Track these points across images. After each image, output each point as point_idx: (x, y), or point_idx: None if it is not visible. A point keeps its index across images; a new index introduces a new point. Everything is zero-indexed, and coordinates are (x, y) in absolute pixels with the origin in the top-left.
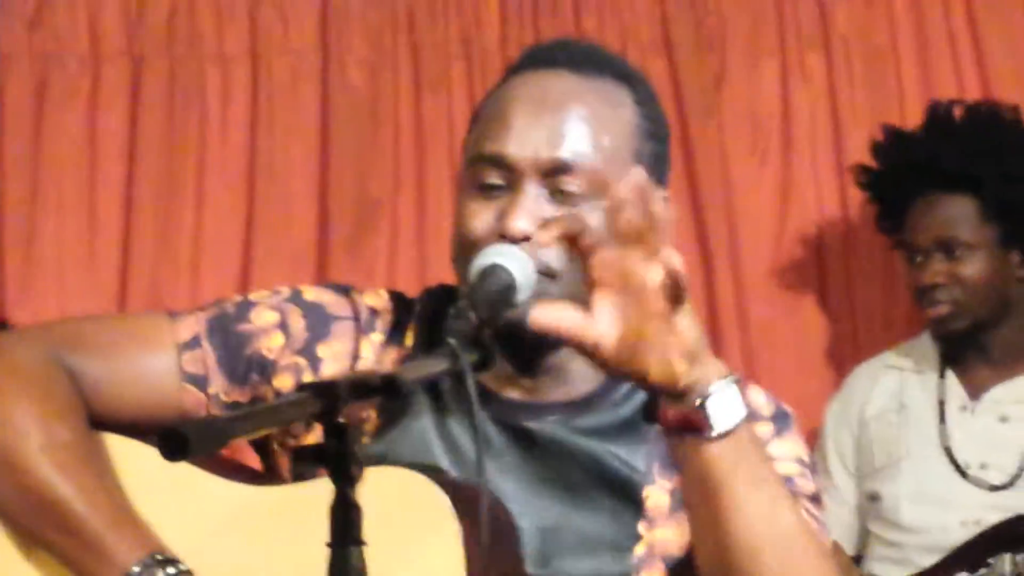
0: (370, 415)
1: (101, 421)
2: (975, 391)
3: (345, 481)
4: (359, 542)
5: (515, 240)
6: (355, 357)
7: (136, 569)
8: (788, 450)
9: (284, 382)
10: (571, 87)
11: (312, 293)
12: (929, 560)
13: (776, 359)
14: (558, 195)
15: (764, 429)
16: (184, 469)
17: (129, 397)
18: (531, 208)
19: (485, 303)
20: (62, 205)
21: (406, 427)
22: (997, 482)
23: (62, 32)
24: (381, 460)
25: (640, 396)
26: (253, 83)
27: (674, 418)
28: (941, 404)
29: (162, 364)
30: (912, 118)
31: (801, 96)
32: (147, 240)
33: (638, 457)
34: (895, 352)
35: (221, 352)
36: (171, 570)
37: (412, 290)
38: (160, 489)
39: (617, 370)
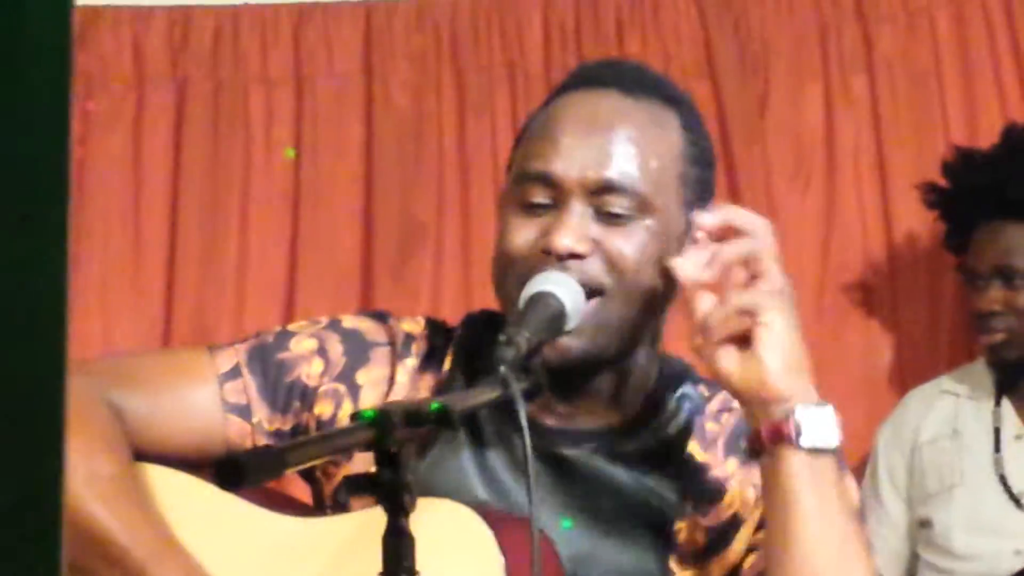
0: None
1: (148, 454)
2: None
3: (398, 511)
4: (412, 572)
5: (560, 257)
6: (391, 383)
7: None
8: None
9: (324, 408)
10: (619, 107)
11: (350, 321)
12: None
13: (821, 384)
14: (603, 215)
15: None
16: (230, 501)
17: (173, 431)
18: (576, 225)
19: (535, 331)
20: (107, 228)
21: (442, 456)
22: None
23: (107, 55)
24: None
25: (681, 419)
26: (297, 106)
27: (767, 431)
28: (996, 432)
29: (204, 397)
30: (957, 141)
31: (845, 120)
32: (191, 262)
33: (672, 488)
34: (950, 378)
35: (261, 381)
36: None
37: (456, 313)
38: (206, 521)
39: (712, 367)
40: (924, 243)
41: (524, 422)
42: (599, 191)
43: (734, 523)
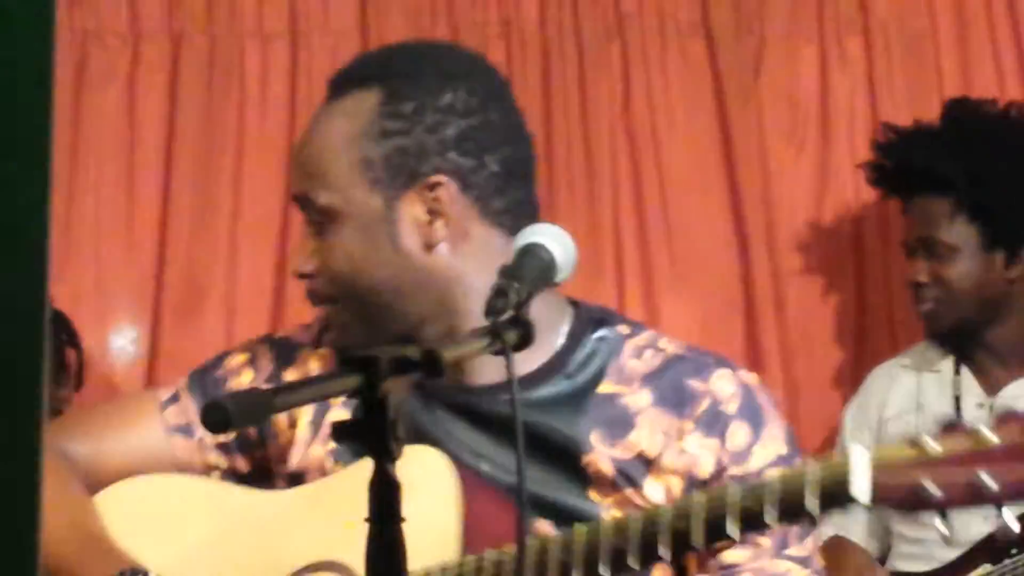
0: None
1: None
2: (991, 388)
3: (384, 456)
4: (399, 518)
5: (302, 279)
6: (307, 374)
7: None
8: (768, 453)
9: None
10: (317, 118)
11: (283, 332)
12: (952, 555)
13: (812, 345)
14: (313, 227)
15: (740, 433)
16: (200, 484)
17: (122, 465)
18: (300, 246)
19: (526, 282)
20: (100, 183)
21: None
22: None
23: (102, 9)
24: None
25: (596, 362)
26: (292, 62)
27: None
28: (957, 400)
29: (147, 426)
30: None
31: (840, 81)
32: (185, 219)
33: (578, 426)
34: (911, 352)
35: (200, 399)
36: None
37: None
38: (183, 506)
39: None
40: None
41: (513, 373)
42: (302, 207)
43: (641, 462)
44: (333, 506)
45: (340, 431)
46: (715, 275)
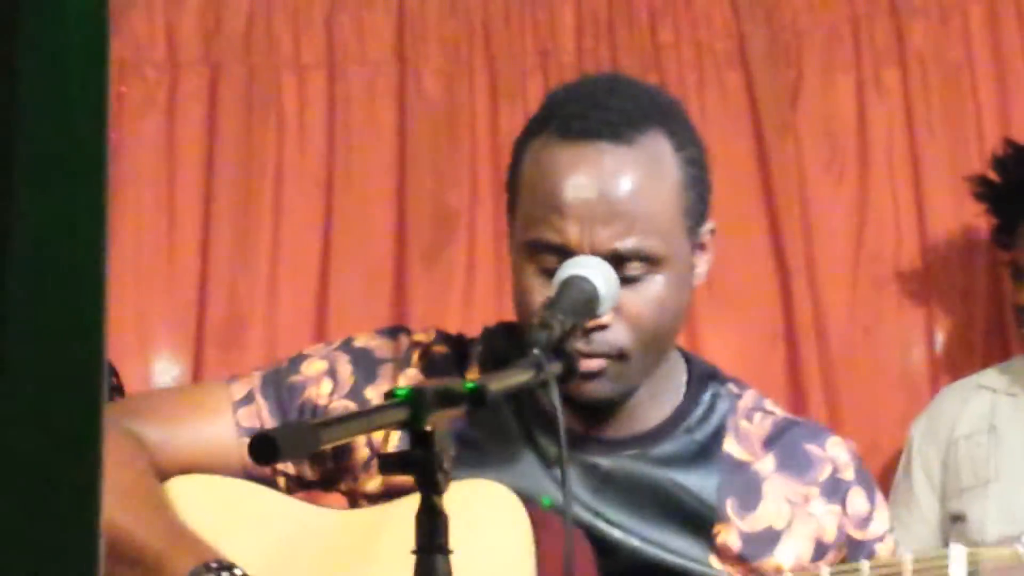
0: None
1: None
2: None
3: (431, 489)
4: (445, 550)
5: (585, 332)
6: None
7: None
8: (884, 520)
9: None
10: (614, 162)
11: (362, 339)
12: None
13: (854, 377)
14: (620, 279)
15: (859, 500)
16: (265, 493)
17: (190, 457)
18: None
19: (569, 314)
20: (140, 213)
21: (502, 451)
22: None
23: (140, 40)
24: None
25: (715, 419)
26: (329, 92)
27: None
28: None
29: (220, 424)
30: (989, 134)
31: (877, 112)
32: (225, 248)
33: (710, 490)
34: (988, 373)
35: (274, 404)
36: (225, 575)
37: (490, 301)
38: (241, 513)
39: None
40: (958, 237)
41: (558, 402)
42: (612, 259)
43: (769, 535)
44: (400, 533)
45: (387, 463)
46: (755, 306)
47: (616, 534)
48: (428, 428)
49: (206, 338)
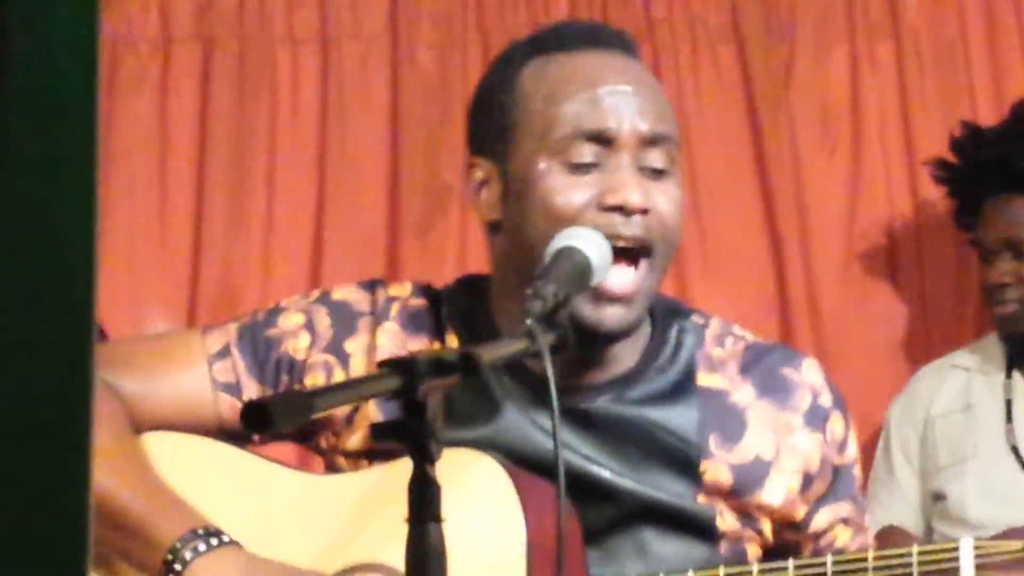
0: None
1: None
2: None
3: (424, 458)
4: (438, 519)
5: (631, 213)
6: (374, 348)
7: (177, 545)
8: (855, 442)
9: (316, 379)
10: (632, 66)
11: (340, 292)
12: None
13: (847, 350)
14: (646, 171)
15: (838, 425)
16: (247, 460)
17: (165, 411)
18: (639, 181)
19: (562, 285)
20: (133, 189)
21: (494, 414)
22: None
23: (133, 15)
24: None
25: (684, 355)
26: (323, 67)
27: None
28: (1008, 404)
29: (195, 378)
30: (983, 109)
31: (871, 87)
32: (218, 223)
33: (691, 427)
34: (962, 352)
35: (250, 359)
36: (214, 541)
37: (483, 272)
38: (224, 481)
39: None
40: (950, 211)
41: (551, 373)
42: (646, 144)
43: (759, 469)
44: (389, 502)
45: (379, 431)
46: (749, 279)
47: (608, 476)
48: (420, 397)
49: (199, 312)
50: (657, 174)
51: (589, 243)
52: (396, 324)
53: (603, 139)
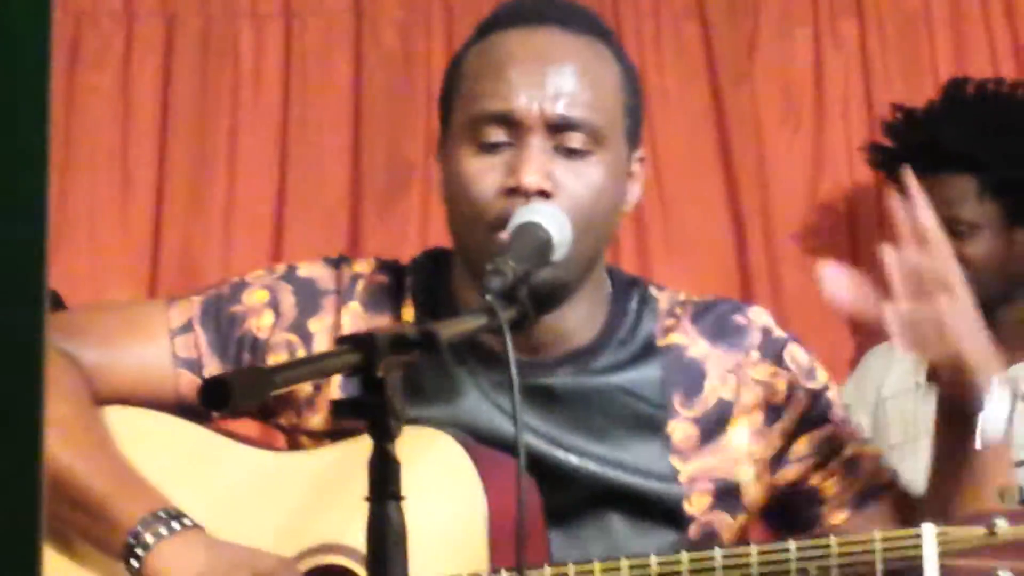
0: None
1: (104, 403)
2: None
3: (384, 436)
4: (398, 497)
5: (528, 194)
6: (338, 328)
7: (139, 528)
8: (824, 373)
9: (278, 359)
10: (562, 42)
11: (305, 269)
12: None
13: (808, 326)
14: (561, 151)
15: (798, 353)
16: (206, 436)
17: (124, 383)
18: (541, 162)
19: (522, 261)
20: (94, 164)
21: (455, 394)
22: (1017, 459)
23: None
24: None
25: (645, 327)
26: (286, 43)
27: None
28: None
29: (155, 352)
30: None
31: (834, 63)
32: (179, 199)
33: (655, 386)
34: None
35: (213, 335)
36: (175, 525)
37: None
38: (182, 457)
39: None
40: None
41: (511, 350)
42: (557, 127)
43: (721, 409)
44: (349, 479)
45: (339, 408)
46: (710, 256)
47: (573, 460)
48: (380, 374)
49: (160, 286)
50: (574, 154)
51: (550, 219)
52: (360, 304)
53: (510, 121)
